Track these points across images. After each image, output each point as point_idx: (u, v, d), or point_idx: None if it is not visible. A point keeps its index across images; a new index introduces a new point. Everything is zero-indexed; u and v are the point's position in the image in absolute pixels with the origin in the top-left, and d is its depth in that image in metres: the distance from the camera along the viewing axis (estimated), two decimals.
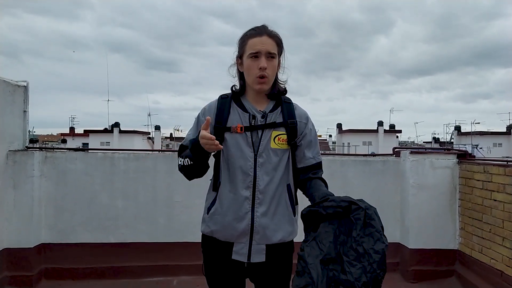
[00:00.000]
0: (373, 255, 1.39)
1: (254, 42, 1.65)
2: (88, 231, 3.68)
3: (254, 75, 1.65)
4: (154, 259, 3.71)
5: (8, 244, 3.46)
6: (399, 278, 3.82)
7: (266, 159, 1.66)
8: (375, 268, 1.37)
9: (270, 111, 1.71)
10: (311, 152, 1.75)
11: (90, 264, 3.66)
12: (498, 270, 3.21)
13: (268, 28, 1.70)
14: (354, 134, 34.10)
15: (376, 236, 1.43)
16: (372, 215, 1.48)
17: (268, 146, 1.67)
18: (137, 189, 3.75)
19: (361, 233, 1.44)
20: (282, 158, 1.69)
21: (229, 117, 1.70)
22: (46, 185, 3.64)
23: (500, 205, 3.22)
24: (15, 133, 3.63)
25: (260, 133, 1.68)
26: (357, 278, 1.35)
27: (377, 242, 1.41)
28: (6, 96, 3.50)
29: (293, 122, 1.70)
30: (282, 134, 1.69)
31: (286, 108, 1.72)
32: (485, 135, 32.85)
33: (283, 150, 1.70)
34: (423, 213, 3.75)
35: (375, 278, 1.36)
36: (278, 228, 1.67)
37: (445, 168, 3.79)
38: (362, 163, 3.97)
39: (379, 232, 1.44)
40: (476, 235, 3.52)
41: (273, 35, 1.68)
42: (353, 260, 1.39)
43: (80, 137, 35.18)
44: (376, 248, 1.40)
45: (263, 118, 1.69)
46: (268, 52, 1.64)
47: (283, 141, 1.69)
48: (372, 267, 1.37)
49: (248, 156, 1.66)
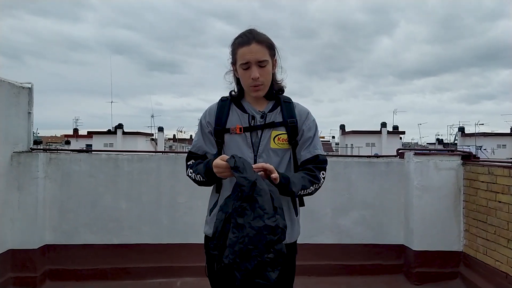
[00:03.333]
0: (248, 229, 1.39)
1: (243, 52, 1.62)
2: (92, 232, 3.69)
3: (248, 84, 1.65)
4: (157, 260, 3.72)
5: (13, 245, 3.48)
6: (403, 280, 3.80)
7: (266, 159, 1.65)
8: (246, 242, 1.38)
9: (269, 111, 1.71)
10: (308, 147, 1.71)
11: (93, 265, 3.66)
12: (503, 272, 3.19)
13: (257, 32, 1.66)
14: (357, 136, 34.02)
15: (258, 212, 1.41)
16: (261, 192, 1.43)
17: (268, 146, 1.67)
18: (141, 191, 3.76)
19: (245, 205, 1.43)
20: (283, 158, 1.69)
21: (228, 118, 1.71)
22: (50, 187, 3.65)
23: (505, 206, 3.20)
24: (19, 134, 3.64)
25: (259, 134, 1.68)
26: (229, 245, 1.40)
27: (256, 218, 1.40)
28: (11, 98, 3.52)
29: (293, 121, 1.69)
30: (282, 133, 1.69)
31: (286, 108, 1.72)
32: (489, 136, 32.70)
33: (283, 150, 1.69)
34: (427, 215, 3.73)
35: (245, 252, 1.38)
36: None
37: (450, 170, 3.78)
38: (366, 165, 3.95)
39: (263, 209, 1.41)
40: (480, 237, 3.50)
41: (261, 41, 1.63)
42: (233, 227, 1.42)
43: (84, 139, 35.32)
44: (253, 224, 1.40)
45: (262, 118, 1.69)
46: (258, 61, 1.61)
47: (283, 141, 1.69)
48: (244, 240, 1.38)
49: (248, 156, 1.66)
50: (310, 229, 3.77)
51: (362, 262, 3.88)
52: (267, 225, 1.39)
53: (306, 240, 3.76)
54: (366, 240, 3.89)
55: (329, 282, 3.71)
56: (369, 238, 3.89)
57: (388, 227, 3.93)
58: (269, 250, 1.39)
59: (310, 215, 3.70)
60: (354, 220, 3.87)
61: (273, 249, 1.40)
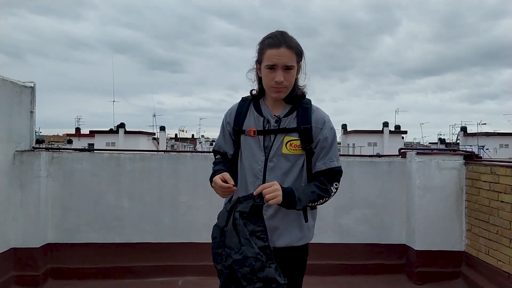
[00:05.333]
0: (224, 271, 1.51)
1: (271, 53, 1.61)
2: (94, 231, 3.70)
3: (270, 85, 1.65)
4: (159, 259, 3.72)
5: (15, 244, 3.49)
6: (405, 280, 3.80)
7: (276, 163, 1.66)
8: (226, 283, 1.49)
9: (284, 116, 1.69)
10: (323, 158, 1.68)
11: (95, 264, 3.67)
12: (505, 272, 3.18)
13: (288, 36, 1.64)
14: (359, 135, 33.99)
15: (227, 252, 1.52)
16: (226, 233, 1.53)
17: (279, 151, 1.67)
18: (143, 190, 3.77)
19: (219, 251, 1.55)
20: (295, 163, 1.68)
21: (245, 120, 1.74)
22: (52, 185, 3.66)
23: (507, 206, 3.19)
24: (22, 133, 3.65)
25: (272, 138, 1.68)
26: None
27: (228, 258, 1.50)
28: (13, 97, 3.53)
29: (307, 128, 1.66)
30: (294, 139, 1.67)
31: (302, 113, 1.69)
32: (491, 136, 32.62)
33: (296, 155, 1.67)
34: (429, 214, 3.72)
35: None
36: (285, 232, 1.67)
37: (452, 169, 3.77)
38: (368, 164, 3.95)
39: (230, 248, 1.50)
40: (482, 237, 3.50)
41: (292, 46, 1.62)
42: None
43: (86, 138, 35.41)
44: (225, 264, 1.51)
45: (276, 123, 1.68)
46: (285, 65, 1.61)
47: (296, 147, 1.67)
48: (223, 280, 1.50)
49: (259, 159, 1.68)
50: None
51: (364, 262, 3.87)
52: (235, 259, 1.46)
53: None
54: (368, 240, 3.89)
55: (331, 282, 3.71)
56: (371, 238, 3.89)
57: (390, 226, 3.92)
58: (251, 281, 1.43)
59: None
60: (356, 220, 3.87)
61: (256, 277, 1.43)
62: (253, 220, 1.51)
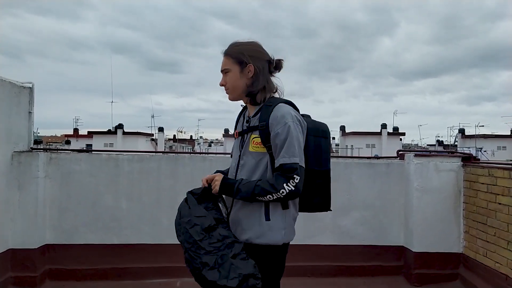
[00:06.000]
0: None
1: None
2: (92, 232, 3.70)
3: None
4: (157, 260, 3.72)
5: (13, 245, 3.48)
6: (403, 281, 3.80)
7: (245, 161, 1.78)
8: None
9: (253, 116, 1.81)
10: (277, 155, 1.68)
11: (93, 265, 3.67)
12: (503, 273, 3.19)
13: (233, 44, 1.85)
14: (357, 137, 33.98)
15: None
16: (181, 231, 1.84)
17: (247, 149, 1.79)
18: (141, 191, 3.76)
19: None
20: (260, 161, 1.75)
21: (237, 124, 1.95)
22: (50, 186, 3.65)
23: (505, 208, 3.20)
24: (20, 134, 3.65)
25: (246, 137, 1.81)
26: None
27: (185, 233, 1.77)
28: (12, 98, 3.53)
29: (263, 125, 1.72)
30: (256, 137, 1.76)
31: (263, 112, 1.75)
32: (489, 138, 32.67)
33: (260, 153, 1.75)
34: (427, 216, 3.73)
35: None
36: (247, 227, 1.73)
37: (450, 171, 3.78)
38: (366, 166, 3.96)
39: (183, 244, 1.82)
40: (480, 239, 3.51)
41: (228, 53, 1.82)
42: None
43: (84, 139, 35.27)
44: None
45: (247, 123, 1.83)
46: (222, 70, 1.84)
47: (258, 144, 1.75)
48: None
49: (235, 158, 1.86)
50: (311, 229, 3.77)
51: (362, 263, 3.88)
52: (186, 221, 1.75)
53: (307, 241, 3.76)
54: (366, 241, 3.89)
55: (329, 283, 3.71)
56: (369, 239, 3.90)
57: (388, 228, 3.93)
58: (204, 236, 1.70)
59: (311, 215, 3.67)
60: (354, 221, 3.87)
61: (208, 235, 1.68)
62: (205, 202, 1.76)
